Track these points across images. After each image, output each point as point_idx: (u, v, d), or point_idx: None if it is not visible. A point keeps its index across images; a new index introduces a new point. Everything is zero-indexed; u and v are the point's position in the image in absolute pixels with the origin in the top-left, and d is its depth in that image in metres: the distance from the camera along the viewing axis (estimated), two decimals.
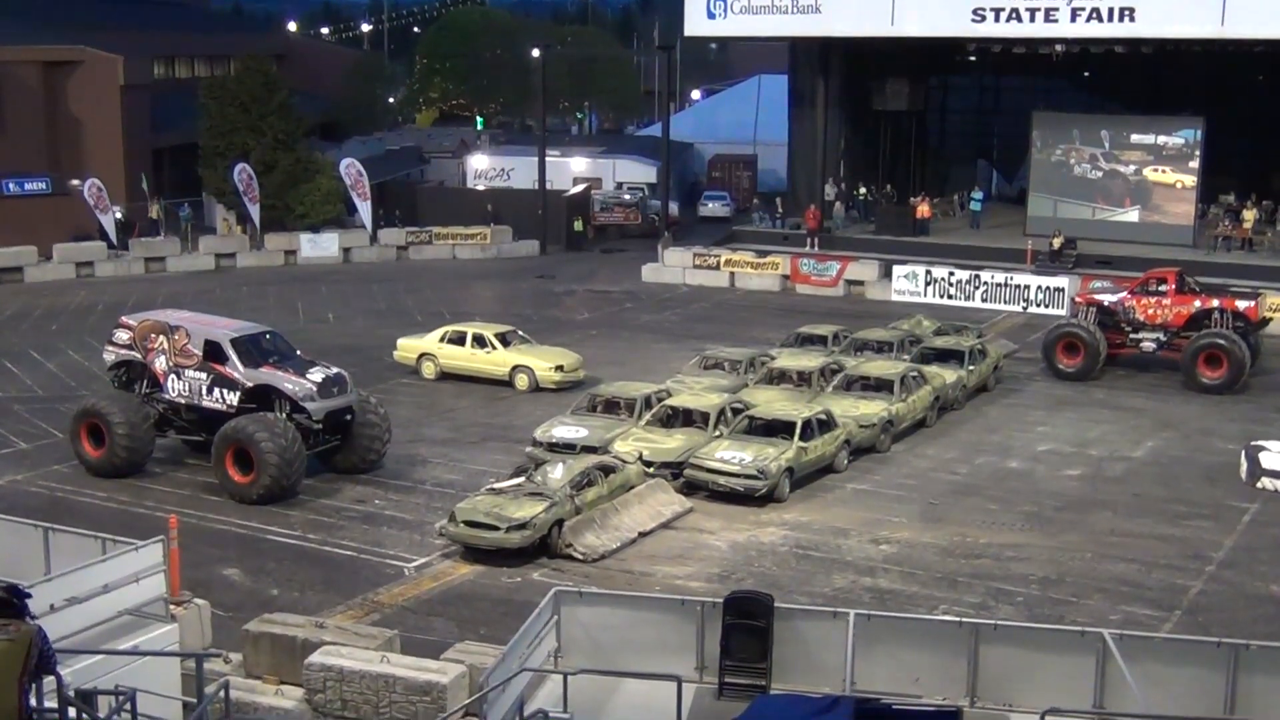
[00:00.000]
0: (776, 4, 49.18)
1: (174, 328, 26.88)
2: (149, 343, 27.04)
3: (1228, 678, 13.84)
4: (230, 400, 26.20)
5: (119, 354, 27.61)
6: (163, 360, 26.88)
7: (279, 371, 26.33)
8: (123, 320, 28.05)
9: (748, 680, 14.19)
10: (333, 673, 15.67)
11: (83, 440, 26.74)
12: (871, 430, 28.69)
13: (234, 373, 26.18)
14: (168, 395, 26.96)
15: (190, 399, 26.75)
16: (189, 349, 26.61)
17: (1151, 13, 43.56)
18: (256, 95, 55.00)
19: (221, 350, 26.37)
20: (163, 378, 26.96)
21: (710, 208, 63.93)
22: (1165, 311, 35.86)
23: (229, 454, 25.38)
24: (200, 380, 26.56)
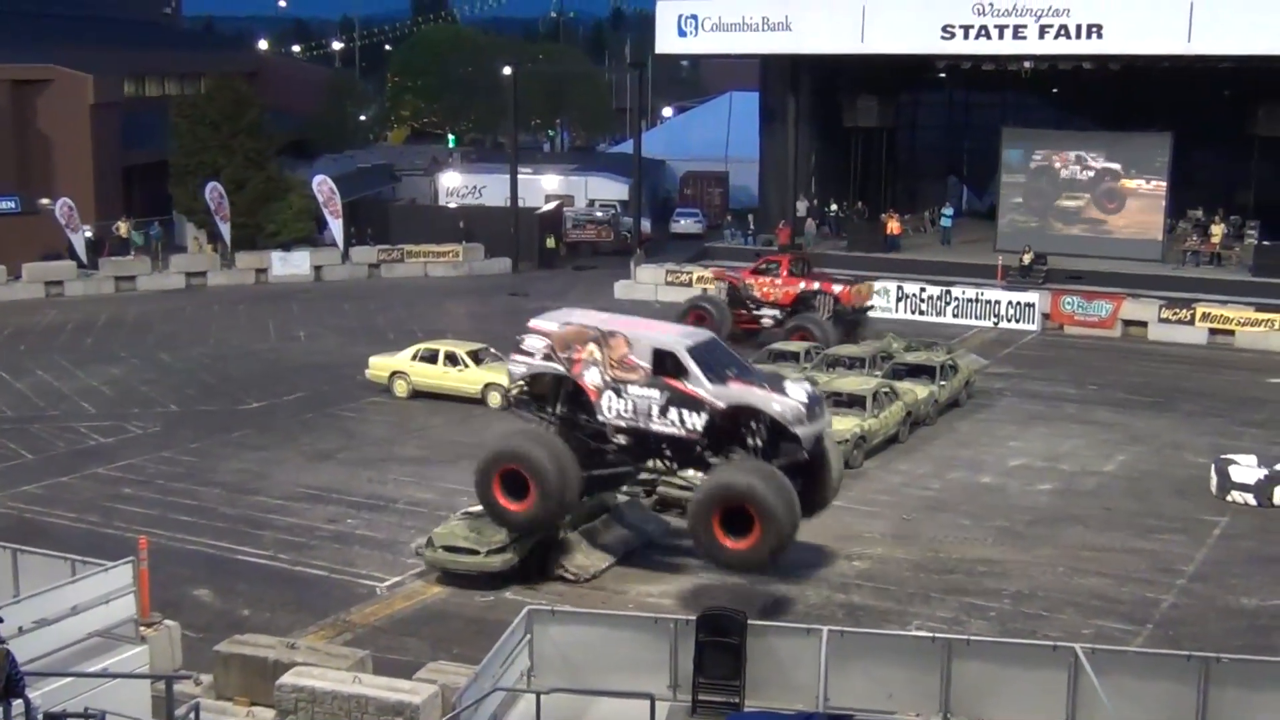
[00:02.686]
0: (747, 21, 49.39)
1: (608, 334, 21.80)
2: (574, 352, 21.89)
3: (1199, 691, 13.92)
4: (693, 424, 21.15)
5: (532, 366, 22.41)
6: (595, 374, 21.75)
7: (754, 388, 21.43)
8: (535, 325, 22.55)
9: (721, 698, 14.21)
10: (305, 693, 15.58)
11: (496, 491, 21.77)
12: (844, 446, 28.66)
13: (699, 390, 21.08)
14: (601, 417, 21.81)
15: (634, 421, 21.58)
16: (630, 360, 21.49)
17: (1119, 30, 43.90)
18: (227, 113, 54.83)
19: (678, 361, 21.28)
20: (595, 395, 21.76)
21: (682, 224, 64.03)
22: (777, 291, 39.73)
23: (717, 515, 20.34)
24: (650, 399, 21.36)
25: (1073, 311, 44.37)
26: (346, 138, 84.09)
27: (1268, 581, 22.94)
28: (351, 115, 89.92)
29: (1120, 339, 43.36)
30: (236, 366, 38.58)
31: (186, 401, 34.60)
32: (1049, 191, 50.90)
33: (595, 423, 21.91)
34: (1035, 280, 46.71)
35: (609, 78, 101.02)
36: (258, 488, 27.47)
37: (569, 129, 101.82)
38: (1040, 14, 44.66)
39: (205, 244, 55.72)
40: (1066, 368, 39.22)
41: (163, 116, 58.69)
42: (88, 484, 27.61)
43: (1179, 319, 43.06)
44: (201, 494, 27.00)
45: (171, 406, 34.07)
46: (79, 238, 52.36)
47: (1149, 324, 43.45)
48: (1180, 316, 43.07)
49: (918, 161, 60.98)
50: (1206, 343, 42.35)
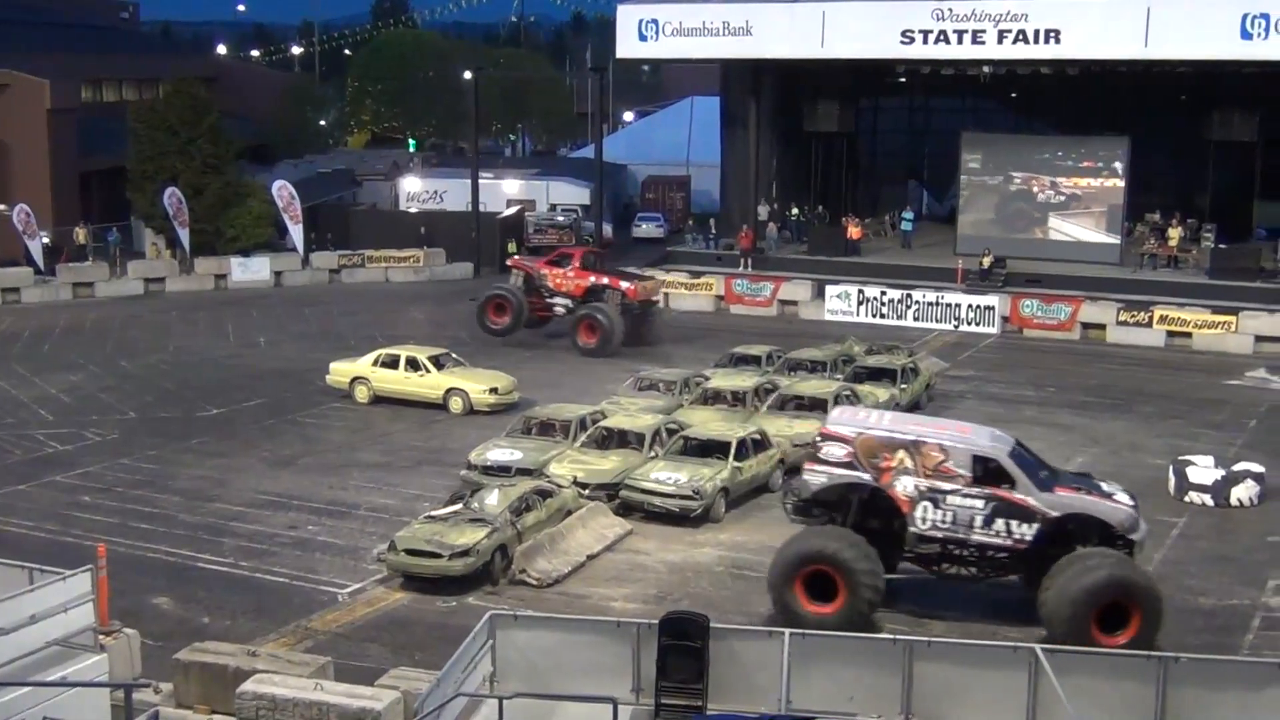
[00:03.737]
0: (708, 26, 49.46)
1: (918, 441, 20.84)
2: (882, 461, 20.84)
3: (1158, 691, 14.02)
4: (1021, 534, 20.40)
5: (834, 476, 21.15)
6: (908, 483, 20.75)
7: (1086, 495, 21.00)
8: (831, 431, 21.35)
9: (684, 701, 14.20)
10: (265, 701, 15.48)
11: (799, 593, 20.52)
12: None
13: (1028, 499, 20.36)
14: (914, 528, 20.85)
15: (951, 532, 20.70)
16: (948, 468, 20.58)
17: (1077, 35, 44.21)
18: (186, 118, 54.45)
19: (1002, 469, 20.56)
20: (908, 506, 20.78)
21: (644, 229, 64.01)
22: (569, 283, 41.54)
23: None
24: (973, 509, 20.50)
25: (1032, 314, 44.67)
26: (306, 142, 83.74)
27: (1225, 581, 23.15)
28: (311, 120, 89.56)
29: (1079, 341, 43.68)
30: (196, 373, 38.35)
31: (145, 408, 34.38)
32: (1008, 195, 51.15)
33: (902, 532, 20.97)
34: (995, 284, 46.95)
35: (570, 82, 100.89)
36: (217, 495, 27.32)
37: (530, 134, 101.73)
38: (999, 19, 44.94)
39: (164, 250, 55.34)
40: (1026, 370, 39.47)
41: (121, 122, 58.23)
42: (45, 492, 27.40)
43: (1137, 321, 43.42)
44: (161, 501, 26.84)
45: (130, 413, 33.85)
46: (36, 244, 51.90)
47: (1107, 327, 43.80)
48: (1138, 319, 43.43)
49: (878, 166, 61.19)
50: (1164, 345, 42.73)
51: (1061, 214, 50.31)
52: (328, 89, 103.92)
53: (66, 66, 63.56)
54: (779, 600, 20.58)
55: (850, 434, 21.03)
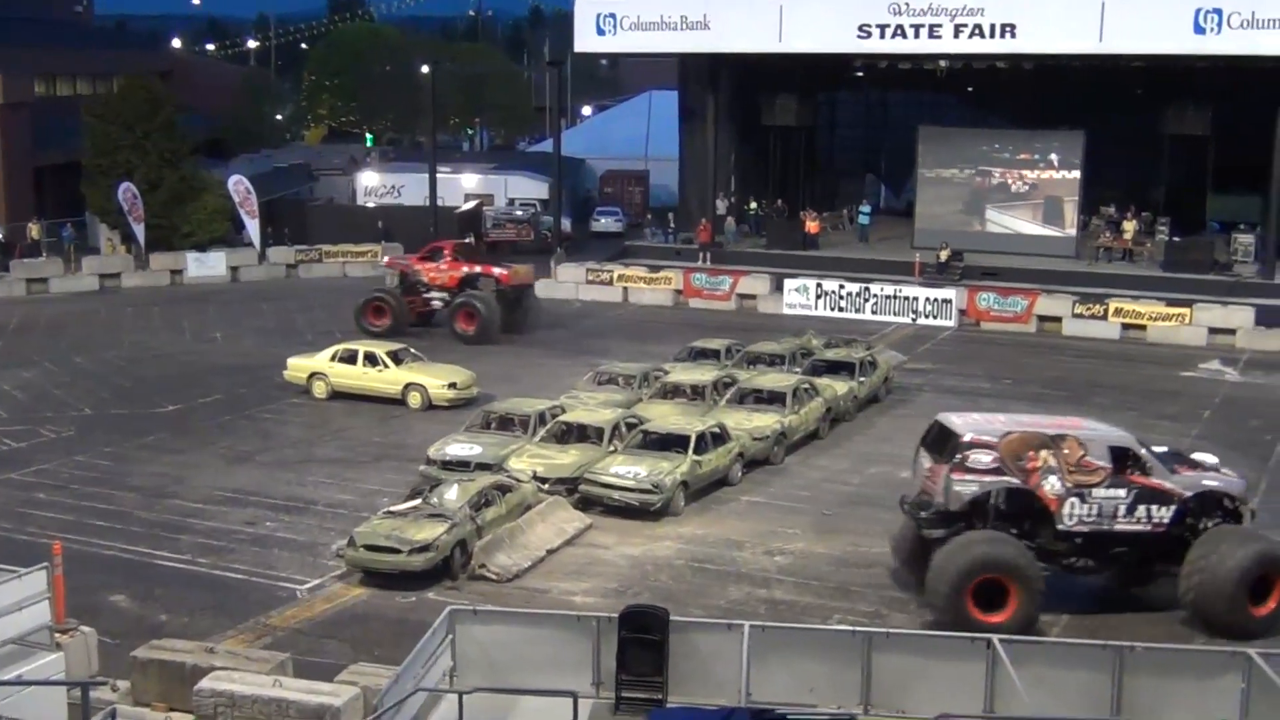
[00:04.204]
0: (666, 20, 49.50)
1: (1058, 437, 20.75)
2: (1028, 462, 20.56)
3: (1114, 680, 14.13)
4: (1160, 518, 20.62)
5: (984, 483, 20.56)
6: (1054, 482, 20.50)
7: (1205, 472, 21.46)
8: (973, 439, 20.69)
9: (644, 694, 14.21)
10: (224, 698, 15.41)
11: (969, 603, 19.91)
12: (765, 442, 28.89)
13: (1164, 482, 20.65)
14: (1062, 526, 20.66)
15: (1097, 525, 20.66)
16: (1089, 462, 20.56)
17: (1032, 29, 44.49)
18: (141, 113, 54.05)
19: (1137, 457, 20.88)
20: (1055, 505, 20.53)
21: (603, 223, 64.06)
22: (442, 275, 42.47)
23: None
24: (1116, 499, 20.56)
25: (989, 307, 44.93)
26: (263, 137, 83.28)
27: None
28: (268, 114, 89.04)
29: (1035, 334, 43.96)
30: (152, 369, 38.08)
31: (101, 405, 34.11)
32: (964, 189, 51.44)
33: (1049, 532, 20.79)
34: (952, 277, 47.21)
35: (528, 76, 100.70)
36: (175, 491, 27.14)
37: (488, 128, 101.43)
38: (955, 14, 45.16)
39: (119, 245, 54.91)
40: (983, 363, 39.70)
41: (74, 116, 57.74)
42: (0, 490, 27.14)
43: (1092, 314, 43.74)
44: (117, 498, 26.63)
45: (85, 410, 33.58)
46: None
47: (1063, 319, 44.10)
48: (1093, 312, 43.76)
49: (836, 160, 61.43)
50: (1119, 337, 43.06)
51: (1017, 208, 50.64)
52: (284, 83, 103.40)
53: (19, 61, 62.92)
54: (948, 611, 19.89)
55: (994, 439, 20.68)
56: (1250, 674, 13.91)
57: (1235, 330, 42.22)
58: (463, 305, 41.34)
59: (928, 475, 21.27)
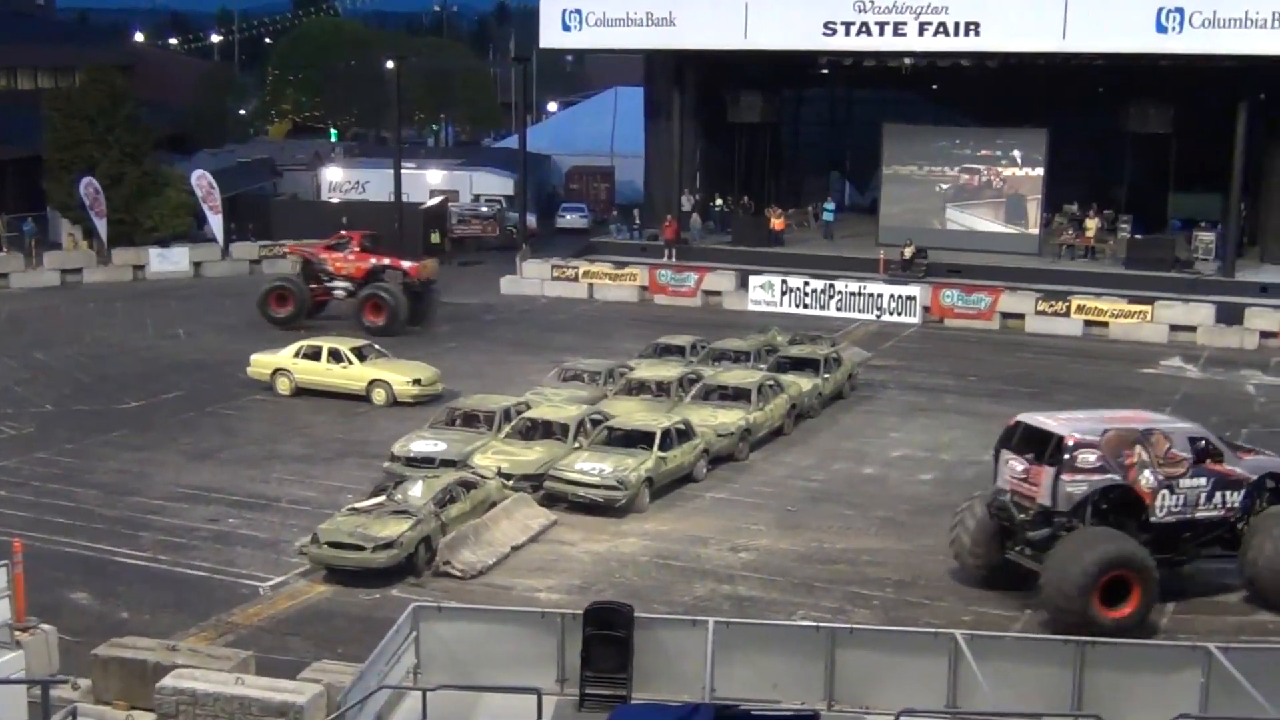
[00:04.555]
0: (631, 17, 49.43)
1: (1147, 431, 21.26)
2: (1125, 458, 20.94)
3: (1074, 674, 14.24)
4: (1231, 503, 21.49)
5: (1093, 482, 20.82)
6: (1149, 476, 21.04)
7: (1261, 455, 22.57)
8: (1078, 440, 20.87)
9: (608, 691, 14.23)
10: (185, 696, 15.33)
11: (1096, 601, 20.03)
12: (729, 439, 28.94)
13: (1235, 468, 21.56)
14: (1154, 518, 21.17)
15: (1182, 514, 21.29)
16: (1175, 454, 21.16)
17: (996, 27, 44.64)
18: (103, 107, 53.64)
19: (1212, 446, 21.61)
20: (1150, 498, 21.07)
21: (568, 219, 64.02)
22: (349, 265, 42.72)
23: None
24: (1198, 488, 21.28)
25: (953, 304, 45.12)
26: (226, 132, 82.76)
27: None
28: (231, 109, 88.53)
29: (999, 331, 44.18)
30: (114, 365, 37.84)
31: (62, 401, 33.87)
32: (929, 187, 51.60)
33: (1135, 524, 21.11)
34: (916, 274, 47.36)
35: (493, 72, 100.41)
36: (137, 488, 26.99)
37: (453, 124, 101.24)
38: (919, 11, 45.26)
39: (81, 240, 54.50)
40: (947, 360, 39.87)
41: (35, 110, 57.29)
42: None
43: (1055, 311, 43.99)
44: (78, 495, 26.45)
45: (47, 407, 33.33)
46: None
47: (1026, 316, 44.33)
48: (1056, 309, 44.00)
49: (801, 157, 61.49)
50: (1082, 334, 43.32)
51: (981, 205, 50.84)
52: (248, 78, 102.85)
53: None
54: (1074, 610, 19.91)
55: (1096, 438, 20.94)
56: (1210, 668, 14.03)
57: (1196, 327, 42.54)
58: (371, 297, 41.55)
59: (1023, 476, 21.41)
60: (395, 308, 41.19)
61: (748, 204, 55.38)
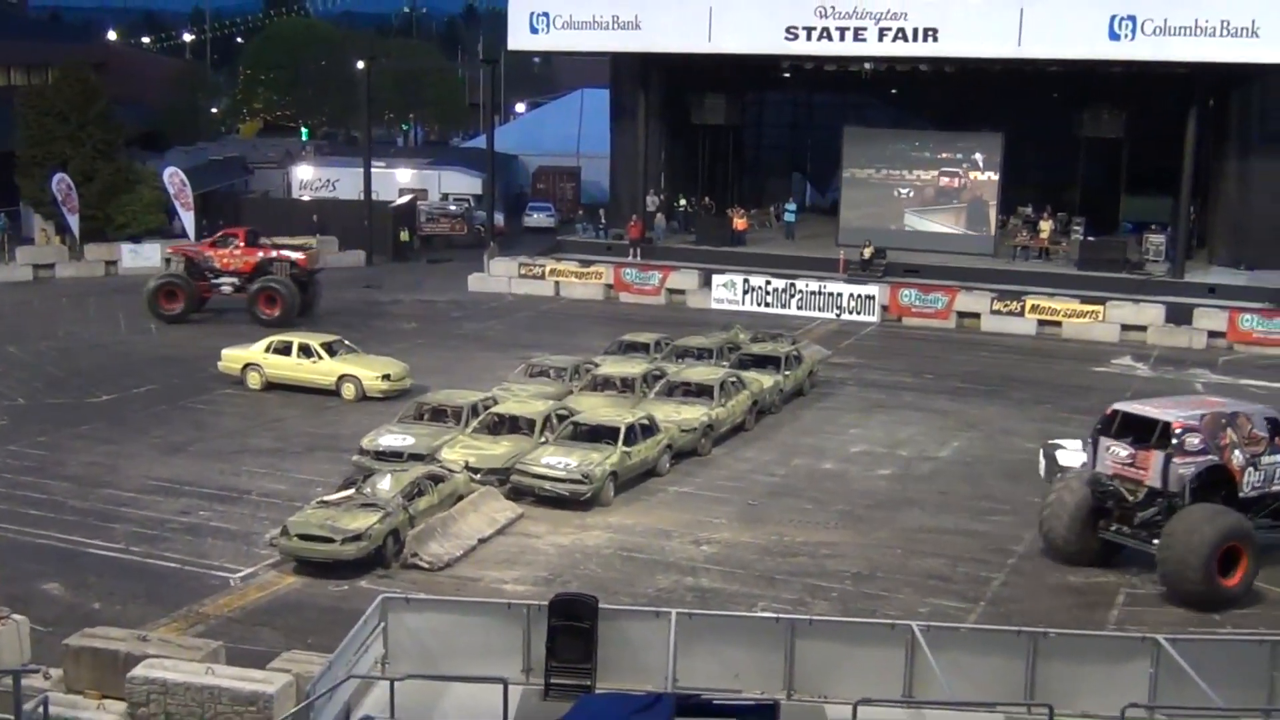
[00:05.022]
0: (598, 19, 49.38)
1: (1234, 414, 22.58)
2: (1220, 439, 22.16)
3: (1028, 664, 14.31)
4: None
5: (1199, 463, 21.97)
6: (1239, 455, 22.28)
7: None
8: (1183, 424, 22.03)
9: (573, 681, 14.23)
10: (156, 685, 15.24)
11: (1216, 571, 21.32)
12: (692, 434, 28.97)
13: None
14: (1242, 494, 22.31)
15: (1262, 489, 22.64)
16: (1256, 434, 22.43)
17: (953, 33, 44.79)
18: (75, 104, 53.25)
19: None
20: (1239, 476, 22.30)
21: (535, 218, 63.98)
22: (236, 260, 42.61)
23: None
24: (1276, 465, 22.64)
25: (910, 304, 45.30)
26: (198, 130, 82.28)
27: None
28: (203, 107, 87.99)
29: (955, 330, 44.38)
30: (86, 359, 37.56)
31: (34, 395, 33.60)
32: (888, 188, 51.75)
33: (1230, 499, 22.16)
34: (875, 274, 47.51)
35: (462, 73, 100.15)
36: (109, 481, 26.79)
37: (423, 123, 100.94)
38: (879, 17, 45.38)
39: (53, 236, 54.09)
40: (905, 358, 40.01)
41: (8, 106, 56.79)
42: None
43: (1010, 311, 44.22)
44: (50, 487, 26.25)
45: (19, 400, 33.06)
46: None
47: (982, 315, 44.55)
48: (1011, 308, 44.23)
49: (763, 158, 61.57)
50: (1035, 333, 43.55)
51: (938, 207, 51.03)
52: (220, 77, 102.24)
53: None
54: (1199, 582, 21.11)
55: (1197, 422, 22.06)
56: (1159, 659, 14.13)
57: (1146, 327, 42.84)
58: (264, 289, 41.60)
59: (1129, 461, 22.41)
60: (289, 298, 41.37)
61: (711, 204, 55.43)
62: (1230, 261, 47.17)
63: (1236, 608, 21.28)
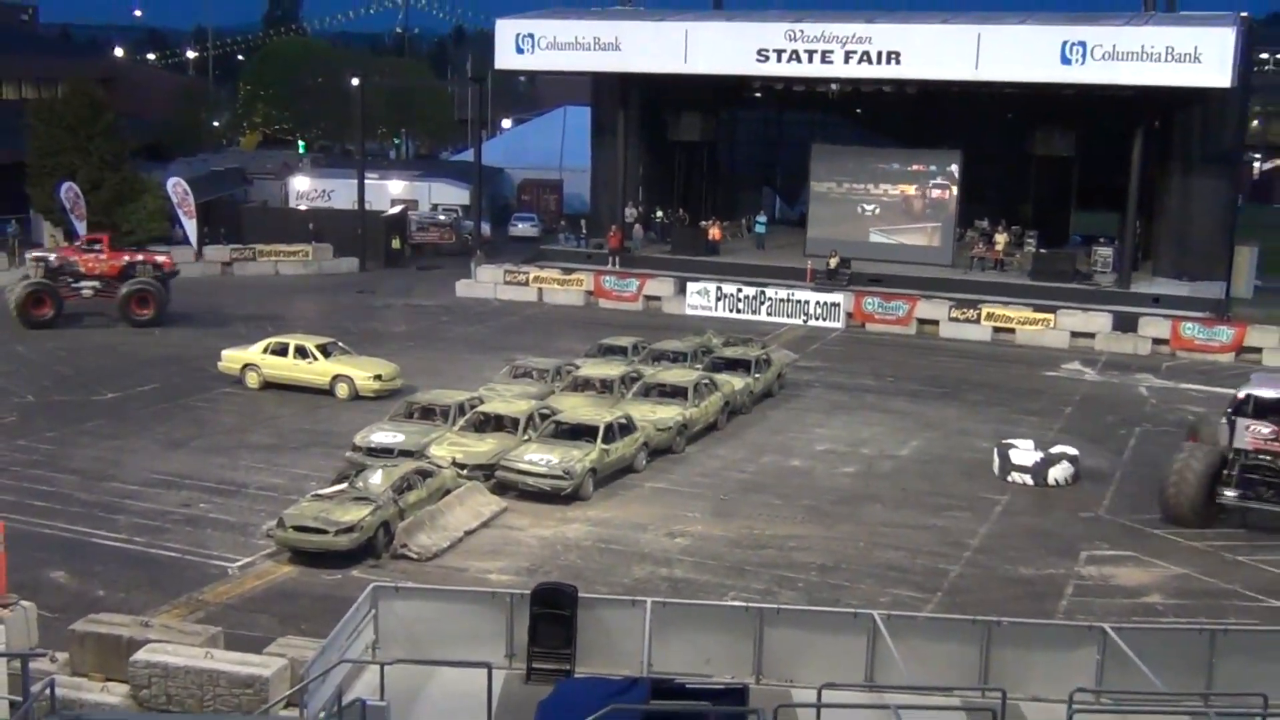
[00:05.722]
0: (580, 41, 49.36)
1: None
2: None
3: (982, 651, 14.37)
4: None
5: None
6: None
7: None
8: None
9: (553, 665, 14.25)
10: (158, 669, 15.19)
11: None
12: (668, 433, 28.97)
13: None
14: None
15: None
16: None
17: (915, 57, 44.91)
18: (83, 117, 52.98)
19: None
20: None
21: (520, 228, 63.85)
22: (102, 265, 41.83)
23: None
24: None
25: (873, 311, 45.37)
26: (200, 142, 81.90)
27: (1042, 553, 23.78)
28: (205, 121, 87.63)
29: (915, 336, 44.45)
30: (92, 359, 37.34)
31: (42, 393, 33.40)
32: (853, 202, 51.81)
33: None
34: (840, 283, 47.56)
35: (451, 90, 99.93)
36: (113, 474, 26.66)
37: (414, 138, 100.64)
38: (845, 41, 45.48)
39: (62, 242, 53.72)
40: (868, 362, 40.07)
41: (20, 119, 56.47)
42: None
43: (967, 318, 44.33)
44: (58, 480, 26.11)
45: (28, 397, 32.86)
46: None
47: (940, 322, 44.63)
48: (968, 316, 44.34)
49: (735, 173, 61.53)
50: (991, 339, 43.67)
51: (900, 220, 51.10)
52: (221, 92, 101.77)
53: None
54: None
55: None
56: (1105, 646, 14.20)
57: (1094, 334, 43.01)
58: (137, 292, 41.24)
59: (1273, 437, 24.60)
60: (160, 298, 41.43)
61: (685, 216, 55.45)
62: (1173, 273, 47.38)
63: None
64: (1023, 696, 13.66)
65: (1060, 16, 45.07)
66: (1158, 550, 23.93)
